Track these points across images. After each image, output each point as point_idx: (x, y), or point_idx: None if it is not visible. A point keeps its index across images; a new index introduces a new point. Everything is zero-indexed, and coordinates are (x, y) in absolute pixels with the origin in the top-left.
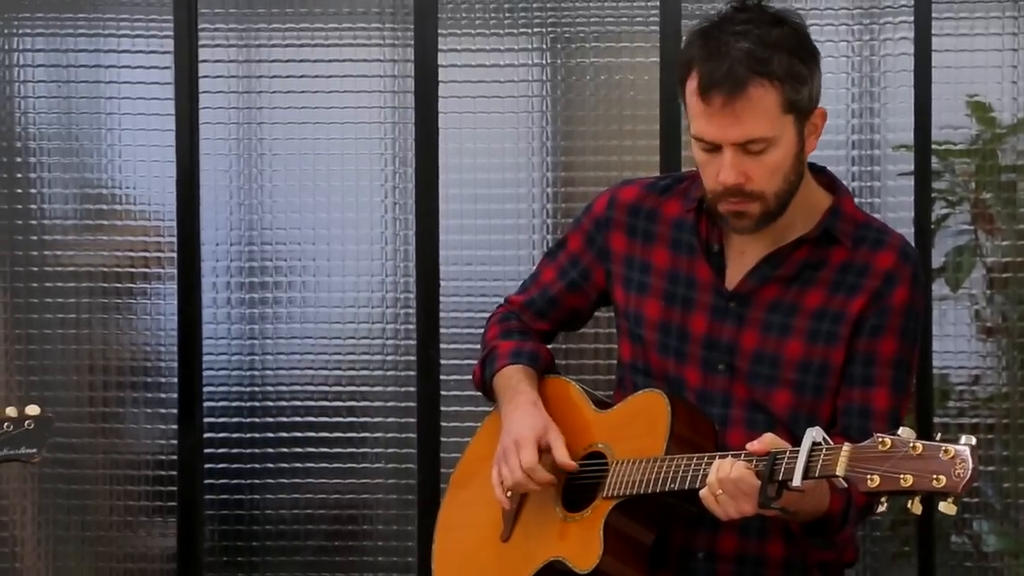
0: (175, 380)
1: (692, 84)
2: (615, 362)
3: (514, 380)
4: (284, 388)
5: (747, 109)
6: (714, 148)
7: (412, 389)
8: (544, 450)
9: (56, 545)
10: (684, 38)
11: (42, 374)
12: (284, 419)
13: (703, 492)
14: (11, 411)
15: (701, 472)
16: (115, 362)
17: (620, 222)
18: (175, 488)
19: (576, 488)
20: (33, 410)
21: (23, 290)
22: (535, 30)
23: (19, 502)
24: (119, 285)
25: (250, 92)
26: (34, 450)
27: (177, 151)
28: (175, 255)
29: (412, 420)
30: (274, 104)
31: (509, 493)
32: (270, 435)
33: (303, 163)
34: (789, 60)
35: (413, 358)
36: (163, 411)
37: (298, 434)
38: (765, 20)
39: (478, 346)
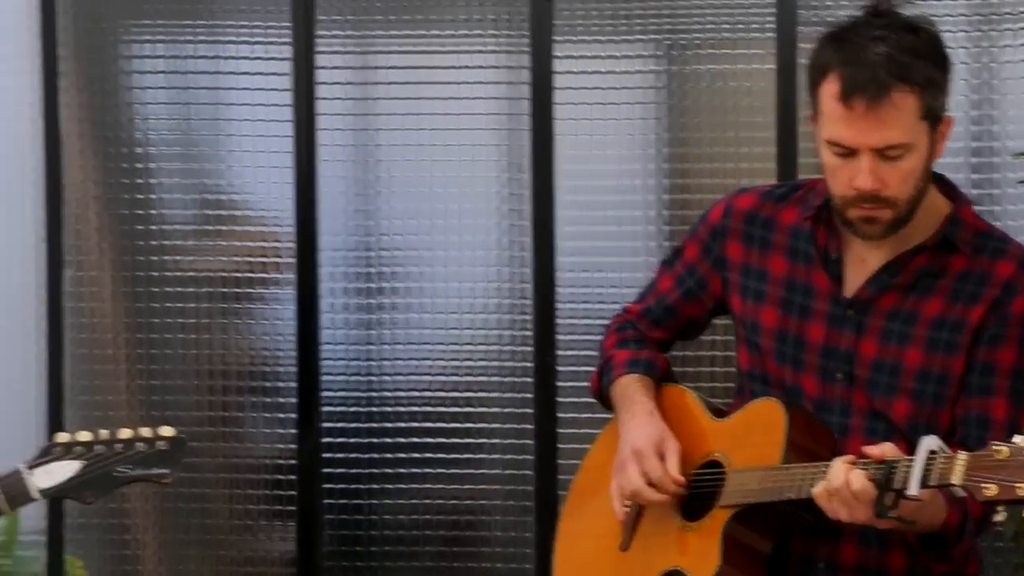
0: (294, 385)
1: (831, 88)
2: (733, 370)
3: (630, 390)
4: (402, 394)
5: (890, 115)
6: (848, 153)
7: (529, 395)
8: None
9: (176, 548)
10: (815, 43)
11: (162, 379)
12: (402, 424)
13: (817, 490)
14: (145, 431)
15: (818, 480)
16: (234, 367)
17: (736, 230)
18: (294, 493)
19: (694, 497)
20: (167, 431)
21: (143, 295)
22: (650, 36)
23: (141, 506)
24: (238, 290)
25: (367, 99)
26: (166, 470)
27: (295, 157)
28: (294, 261)
29: (529, 426)
30: (390, 111)
31: (627, 503)
32: (388, 440)
33: (419, 169)
34: (927, 67)
35: (531, 364)
36: (282, 416)
37: (416, 440)
38: (901, 26)
39: (594, 352)
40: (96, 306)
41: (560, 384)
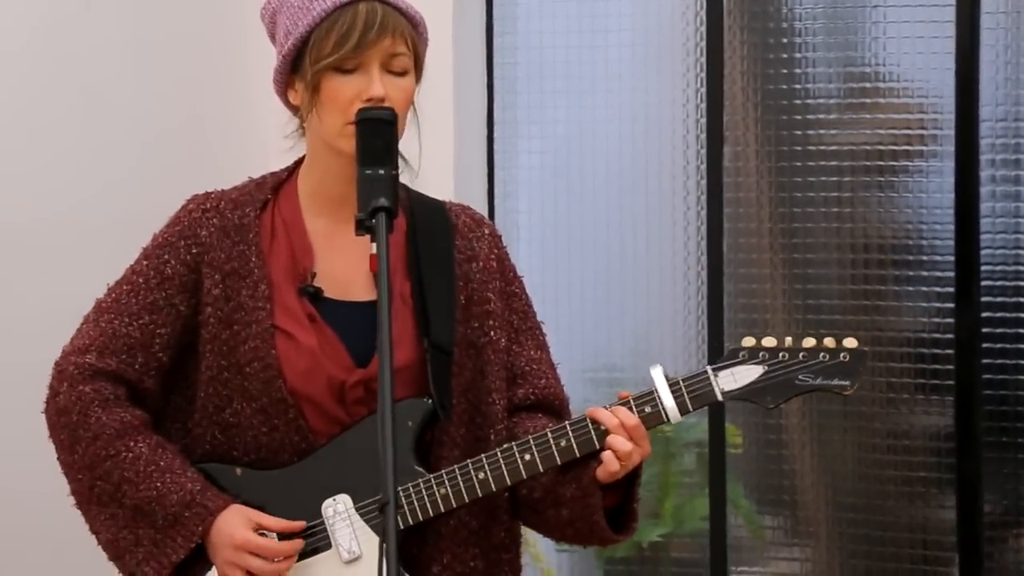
0: (951, 258)
1: None
2: None
3: None
4: None
5: None
6: None
7: None
8: None
9: (821, 419)
10: None
11: (805, 252)
12: None
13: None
14: (829, 341)
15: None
16: (886, 240)
17: None
18: (951, 367)
19: None
20: (850, 343)
21: (787, 169)
22: None
23: None
24: (884, 164)
25: None
26: (847, 382)
27: (957, 27)
28: (950, 132)
29: None
30: None
31: None
32: None
33: None
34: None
35: None
36: (939, 290)
37: None
38: None
39: None
40: (745, 180)
41: None
